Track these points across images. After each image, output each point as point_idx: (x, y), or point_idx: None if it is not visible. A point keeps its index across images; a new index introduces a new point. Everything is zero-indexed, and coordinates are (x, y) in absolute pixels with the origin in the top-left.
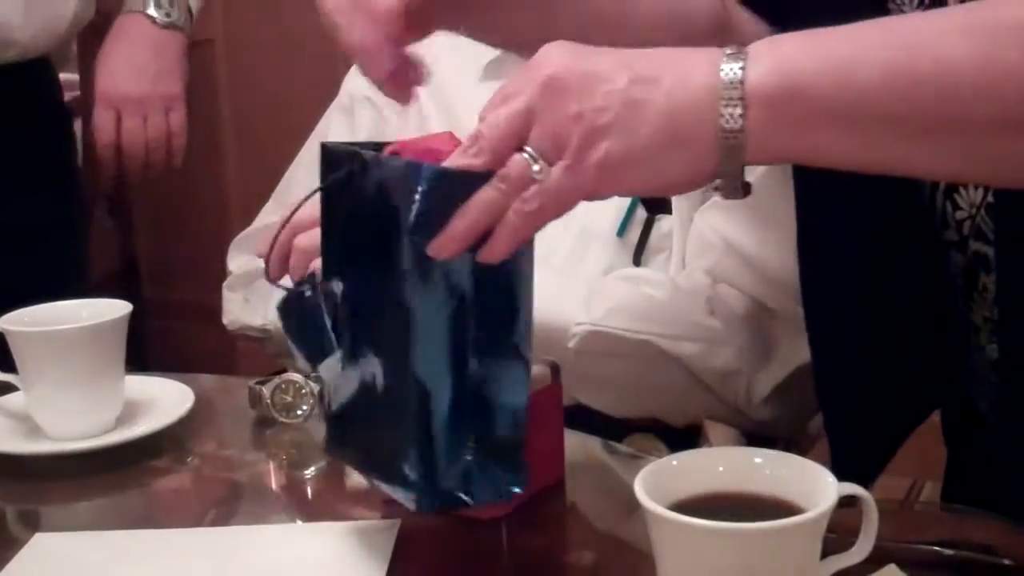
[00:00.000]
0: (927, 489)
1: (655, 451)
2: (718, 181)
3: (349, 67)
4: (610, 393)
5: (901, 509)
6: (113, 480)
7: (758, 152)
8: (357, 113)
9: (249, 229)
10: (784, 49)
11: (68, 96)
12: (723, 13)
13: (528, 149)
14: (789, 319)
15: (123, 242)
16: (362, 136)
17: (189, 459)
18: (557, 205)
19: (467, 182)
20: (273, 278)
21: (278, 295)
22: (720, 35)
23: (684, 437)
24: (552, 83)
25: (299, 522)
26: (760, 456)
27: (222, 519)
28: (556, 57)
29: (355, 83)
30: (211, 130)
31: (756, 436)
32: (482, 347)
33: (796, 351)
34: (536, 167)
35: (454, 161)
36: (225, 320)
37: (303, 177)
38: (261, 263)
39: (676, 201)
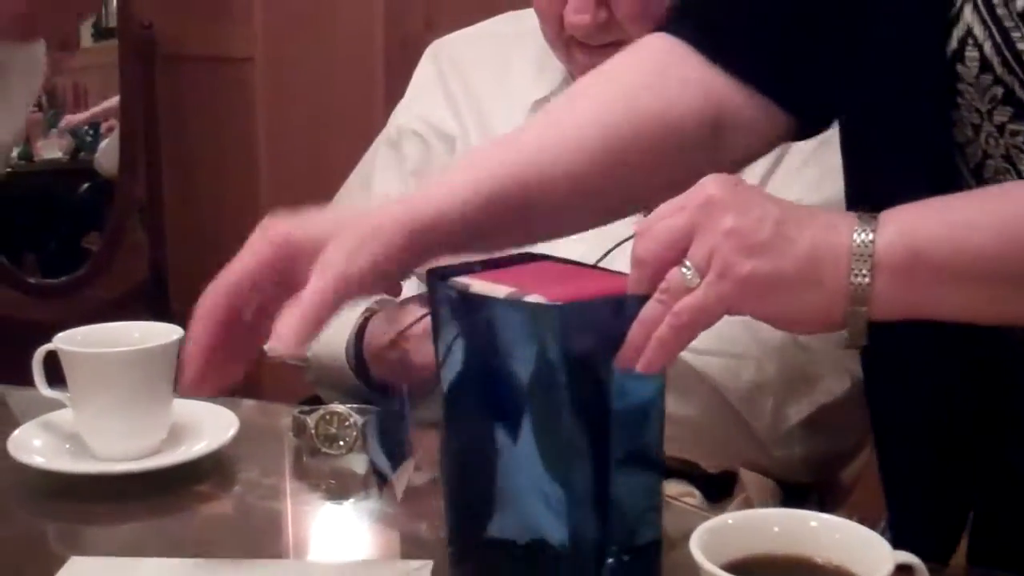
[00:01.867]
0: None
1: (689, 497)
2: (845, 332)
3: (387, 90)
4: None
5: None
6: (157, 503)
7: (882, 306)
8: (404, 146)
9: None
10: (909, 216)
11: None
12: (712, 111)
13: (686, 263)
14: (821, 356)
15: (154, 254)
16: (408, 166)
17: (232, 486)
18: (705, 317)
19: (597, 308)
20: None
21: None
22: (715, 135)
23: (719, 485)
24: (711, 201)
25: (337, 556)
26: (816, 520)
27: (262, 549)
28: (715, 184)
29: (403, 117)
30: (246, 148)
31: (789, 487)
32: (621, 458)
33: (826, 387)
34: (689, 275)
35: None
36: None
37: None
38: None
39: None
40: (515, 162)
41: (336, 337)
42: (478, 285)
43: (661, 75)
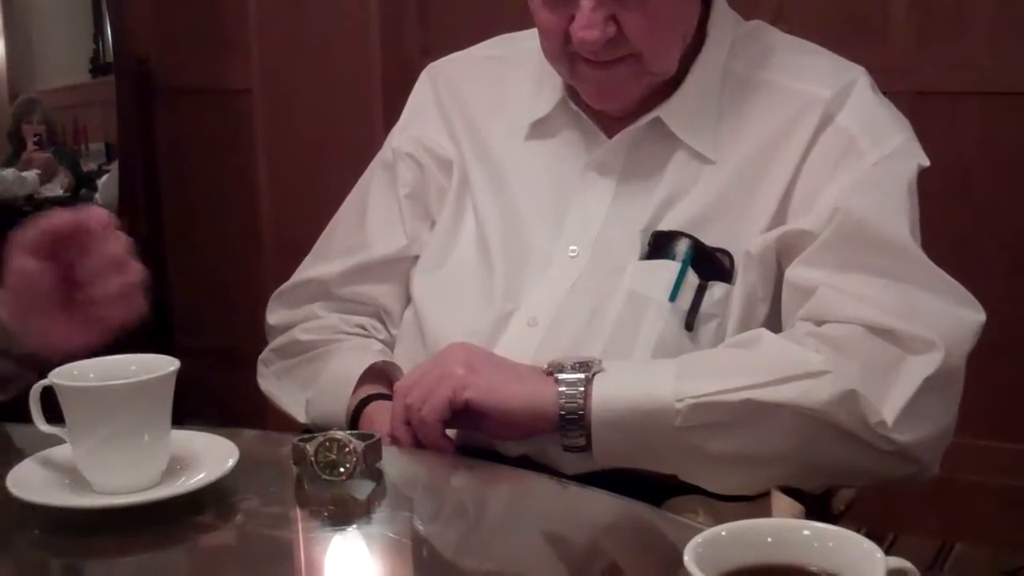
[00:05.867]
0: (956, 550)
1: (691, 514)
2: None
3: (386, 119)
4: (733, 470)
5: None
6: (158, 535)
7: None
8: (399, 169)
9: (288, 283)
10: None
11: None
12: None
13: None
14: (906, 335)
15: (156, 289)
16: (403, 189)
17: (233, 516)
18: None
19: None
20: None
21: (316, 388)
22: None
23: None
24: None
25: None
26: (809, 529)
27: None
28: None
29: (399, 140)
30: (246, 179)
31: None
32: None
33: (919, 366)
34: None
35: None
36: (262, 387)
37: (343, 232)
38: (299, 334)
39: (743, 272)
40: None
41: (334, 406)
42: None
43: None
